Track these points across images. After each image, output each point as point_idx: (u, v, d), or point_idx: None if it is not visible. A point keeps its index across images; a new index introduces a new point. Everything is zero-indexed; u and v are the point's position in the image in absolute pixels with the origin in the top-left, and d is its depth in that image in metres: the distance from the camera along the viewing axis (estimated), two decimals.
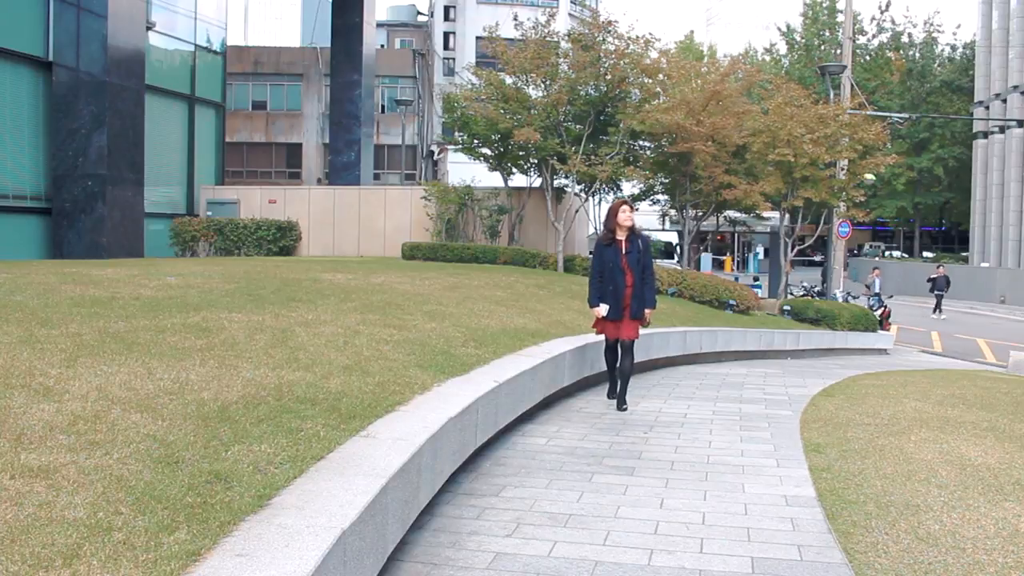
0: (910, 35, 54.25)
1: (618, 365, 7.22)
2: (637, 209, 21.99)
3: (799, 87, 20.32)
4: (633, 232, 6.95)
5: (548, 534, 3.93)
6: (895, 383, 8.88)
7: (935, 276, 29.22)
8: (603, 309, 6.93)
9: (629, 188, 20.26)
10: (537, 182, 18.80)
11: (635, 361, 7.35)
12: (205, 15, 23.06)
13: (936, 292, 28.59)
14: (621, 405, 7.05)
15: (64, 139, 16.81)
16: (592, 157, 17.04)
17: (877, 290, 23.63)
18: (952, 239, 62.14)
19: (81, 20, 16.79)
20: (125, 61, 17.08)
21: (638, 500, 4.50)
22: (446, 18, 44.54)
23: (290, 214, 21.08)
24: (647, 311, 7.03)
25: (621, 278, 6.89)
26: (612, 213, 6.99)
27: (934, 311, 28.19)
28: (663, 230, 44.67)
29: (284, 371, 4.82)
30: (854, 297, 22.28)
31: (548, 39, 18.07)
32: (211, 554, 2.51)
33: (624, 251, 6.92)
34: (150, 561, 2.42)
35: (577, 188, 18.57)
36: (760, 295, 18.77)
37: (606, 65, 17.45)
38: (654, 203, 21.94)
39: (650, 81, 17.87)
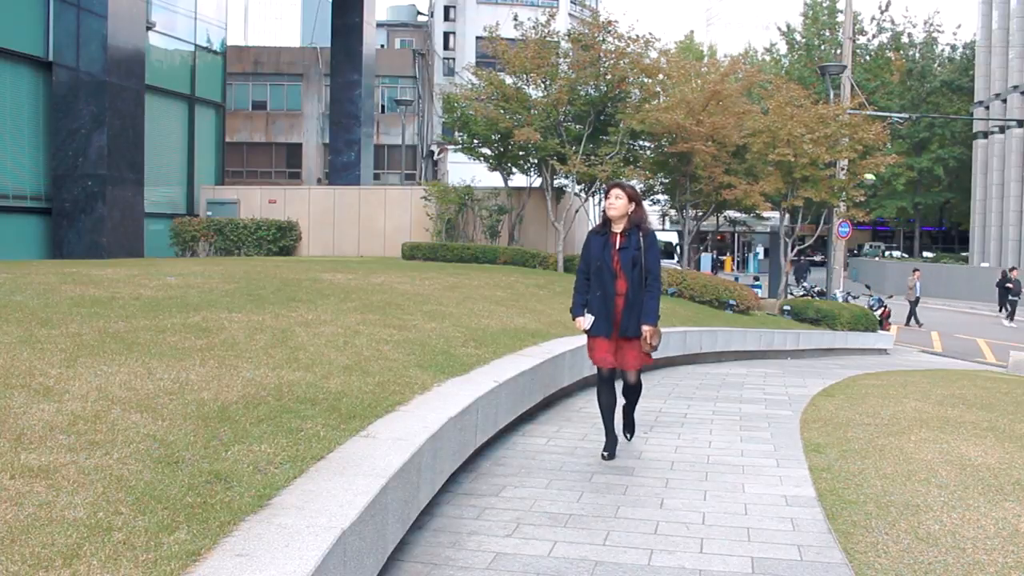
0: (910, 35, 54.24)
1: (619, 405, 5.58)
2: (644, 195, 21.64)
3: (799, 87, 20.33)
4: (638, 226, 5.26)
5: (548, 534, 3.92)
6: (895, 383, 8.88)
7: (1013, 277, 26.64)
8: (585, 321, 5.29)
9: None
10: (537, 182, 18.81)
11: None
12: (205, 15, 23.06)
13: (1012, 297, 26.34)
14: (630, 433, 5.77)
15: (64, 139, 16.81)
16: (592, 157, 17.04)
17: (919, 293, 23.25)
18: (952, 239, 62.13)
19: (81, 20, 16.79)
20: (125, 61, 17.09)
21: (638, 500, 4.50)
22: (446, 18, 44.56)
23: (290, 214, 21.09)
24: (646, 328, 5.16)
25: (610, 282, 5.21)
26: (605, 196, 5.45)
27: (1011, 318, 25.98)
28: (663, 230, 44.70)
29: (284, 371, 4.81)
30: (854, 297, 22.28)
31: (548, 39, 18.09)
32: (211, 554, 2.51)
33: (617, 246, 5.24)
34: (150, 561, 2.42)
35: (577, 188, 18.59)
36: (760, 295, 18.77)
37: (606, 65, 17.47)
38: (654, 203, 21.95)
39: (650, 81, 17.89)
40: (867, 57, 52.61)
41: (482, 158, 19.04)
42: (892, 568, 3.54)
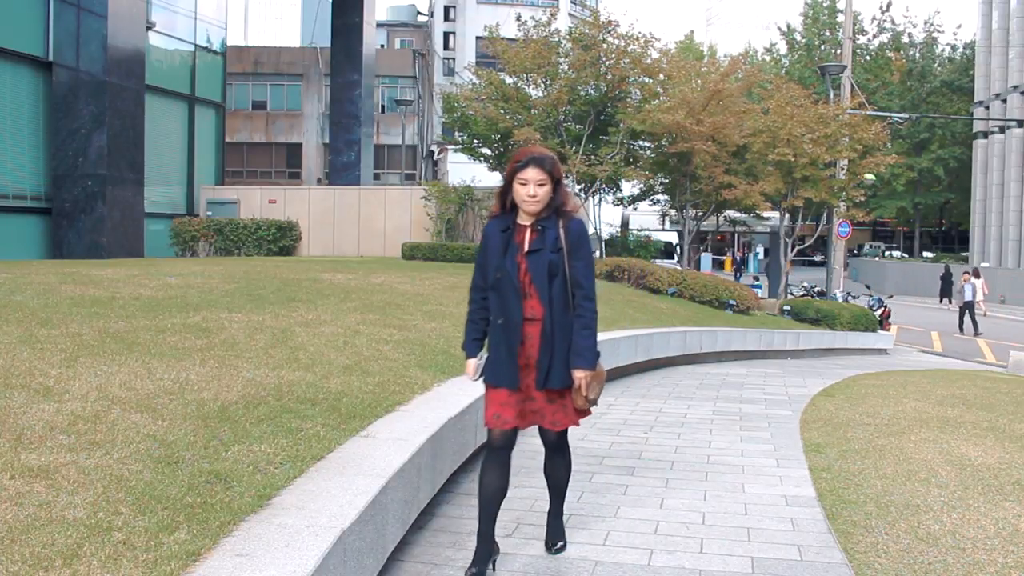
0: (910, 35, 54.23)
1: (546, 472, 3.76)
2: (643, 195, 21.77)
3: (799, 87, 20.34)
4: (558, 212, 3.36)
5: None
6: (895, 383, 8.88)
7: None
8: (472, 366, 3.45)
9: (629, 188, 20.30)
10: None
11: (628, 363, 5.16)
12: (205, 15, 23.07)
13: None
14: (554, 542, 3.67)
15: (64, 139, 16.81)
16: (592, 157, 17.06)
17: (968, 297, 23.12)
18: (952, 239, 62.11)
19: (81, 20, 16.79)
20: (125, 61, 17.09)
21: (638, 500, 4.50)
22: (446, 18, 44.61)
23: (290, 214, 21.10)
24: (579, 374, 3.32)
25: (515, 303, 3.31)
26: (509, 176, 3.36)
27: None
28: (663, 230, 44.62)
29: (284, 371, 4.81)
30: (854, 297, 22.29)
31: (549, 38, 18.11)
32: (211, 554, 2.51)
33: (525, 247, 3.34)
34: (150, 561, 2.42)
35: (577, 188, 18.58)
36: (760, 295, 18.78)
37: (606, 65, 17.48)
38: (654, 203, 21.97)
39: (650, 81, 17.92)
40: (867, 57, 52.62)
41: (482, 158, 19.08)
42: (892, 568, 3.54)
